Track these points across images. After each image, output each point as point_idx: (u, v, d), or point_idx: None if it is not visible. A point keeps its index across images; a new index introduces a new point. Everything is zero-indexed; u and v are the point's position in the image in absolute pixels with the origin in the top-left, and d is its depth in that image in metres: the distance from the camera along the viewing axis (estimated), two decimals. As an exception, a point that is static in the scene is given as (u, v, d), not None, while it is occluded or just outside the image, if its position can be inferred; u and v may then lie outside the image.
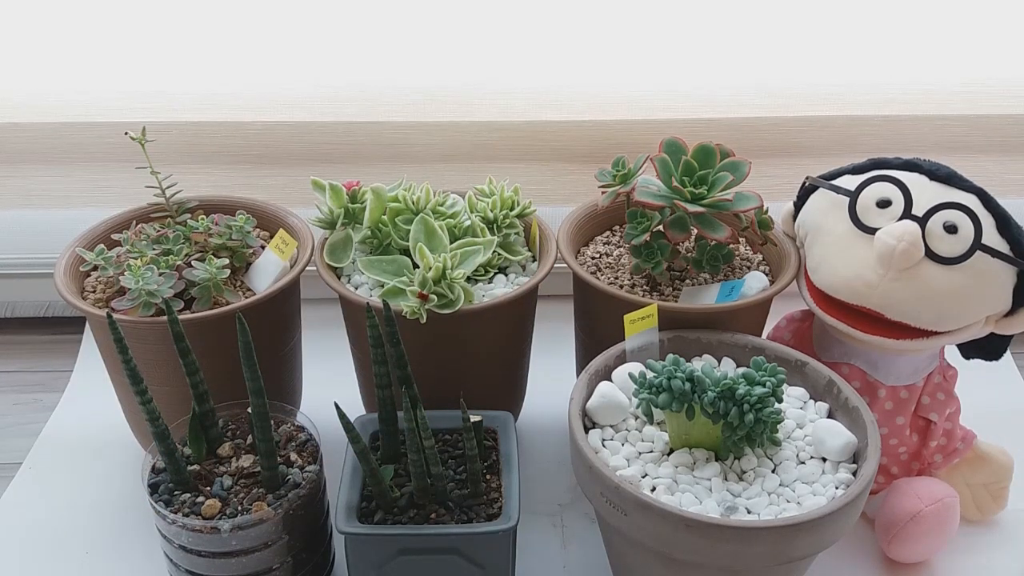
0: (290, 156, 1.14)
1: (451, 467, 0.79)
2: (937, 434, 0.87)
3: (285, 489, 0.75)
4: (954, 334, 0.82)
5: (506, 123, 1.13)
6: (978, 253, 0.79)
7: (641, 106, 1.13)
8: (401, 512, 0.74)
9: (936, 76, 1.14)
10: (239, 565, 0.74)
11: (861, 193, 0.84)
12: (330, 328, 1.00)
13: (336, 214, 0.92)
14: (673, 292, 0.92)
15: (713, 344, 0.86)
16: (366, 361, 0.87)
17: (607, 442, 0.77)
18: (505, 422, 0.82)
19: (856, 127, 1.15)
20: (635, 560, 0.75)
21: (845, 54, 1.13)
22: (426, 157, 1.15)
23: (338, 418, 0.72)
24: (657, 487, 0.71)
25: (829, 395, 0.81)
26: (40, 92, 1.10)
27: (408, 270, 0.87)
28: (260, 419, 0.73)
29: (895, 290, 0.80)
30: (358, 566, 0.74)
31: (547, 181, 1.17)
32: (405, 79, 1.13)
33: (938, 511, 0.83)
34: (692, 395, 0.72)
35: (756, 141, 1.15)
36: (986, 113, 1.15)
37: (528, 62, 1.12)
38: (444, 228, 0.89)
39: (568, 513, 0.93)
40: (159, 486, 0.75)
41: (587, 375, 0.81)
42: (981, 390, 0.94)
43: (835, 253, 0.84)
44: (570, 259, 0.91)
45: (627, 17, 1.12)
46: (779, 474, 0.74)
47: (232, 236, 0.92)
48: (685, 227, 0.89)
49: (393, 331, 0.76)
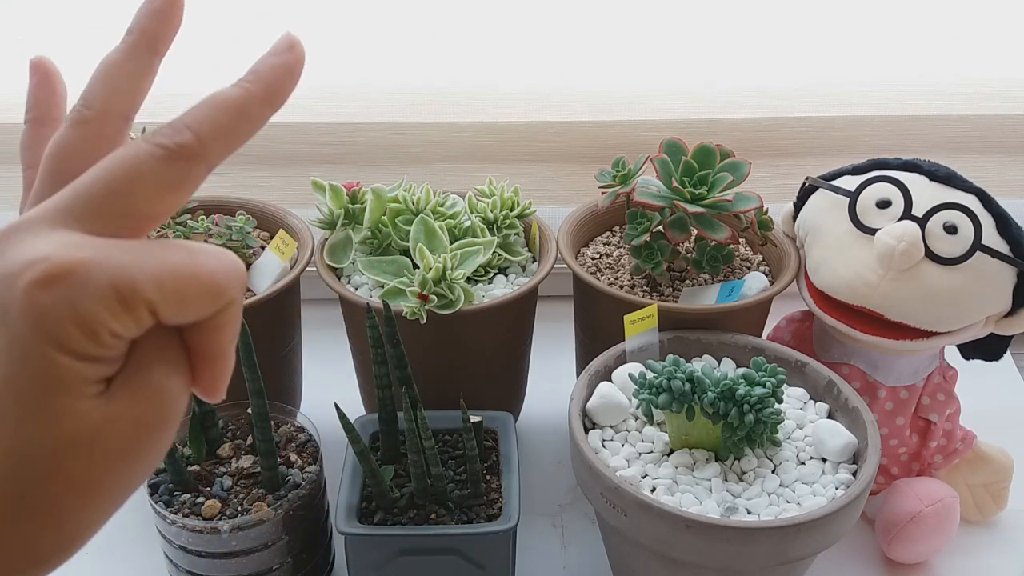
0: (290, 156, 1.14)
1: (451, 467, 0.79)
2: (937, 434, 0.87)
3: (285, 490, 0.75)
4: (954, 334, 0.82)
5: (506, 123, 1.13)
6: (978, 253, 0.79)
7: (641, 106, 1.13)
8: (401, 513, 0.74)
9: (936, 76, 1.14)
10: (239, 565, 0.74)
11: (861, 194, 0.84)
12: (330, 328, 1.00)
13: (336, 215, 0.92)
14: (673, 292, 0.92)
15: (713, 344, 0.86)
16: (366, 361, 0.87)
17: (607, 443, 0.77)
18: (505, 422, 0.82)
19: (856, 127, 1.15)
20: (635, 560, 0.75)
21: (845, 54, 1.13)
22: (426, 157, 1.15)
23: (338, 418, 0.72)
24: (657, 487, 0.71)
25: (829, 395, 0.81)
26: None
27: (408, 271, 0.87)
28: (260, 419, 0.73)
29: (895, 290, 0.80)
30: (358, 566, 0.74)
31: (547, 181, 1.17)
32: (405, 79, 1.12)
33: (938, 511, 0.83)
34: (692, 395, 0.72)
35: (756, 141, 1.14)
36: (986, 113, 1.15)
37: (528, 63, 1.12)
38: (444, 229, 0.89)
39: (568, 513, 0.93)
40: (159, 486, 0.75)
41: (587, 375, 0.81)
42: (981, 390, 0.94)
43: (835, 254, 0.84)
44: (570, 259, 0.91)
45: (627, 18, 1.11)
46: (779, 474, 0.74)
47: (232, 237, 0.92)
48: (685, 227, 0.89)
49: (393, 331, 0.76)
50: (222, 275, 0.29)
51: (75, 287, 0.26)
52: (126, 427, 0.28)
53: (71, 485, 0.28)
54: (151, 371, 0.29)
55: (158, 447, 0.30)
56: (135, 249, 0.28)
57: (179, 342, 0.30)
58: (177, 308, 0.28)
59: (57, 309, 0.26)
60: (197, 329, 0.29)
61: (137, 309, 0.27)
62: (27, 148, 0.36)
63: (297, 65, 0.33)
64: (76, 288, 0.26)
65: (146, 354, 0.29)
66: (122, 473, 0.29)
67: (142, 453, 0.29)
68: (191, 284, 0.28)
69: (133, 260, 0.27)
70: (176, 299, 0.28)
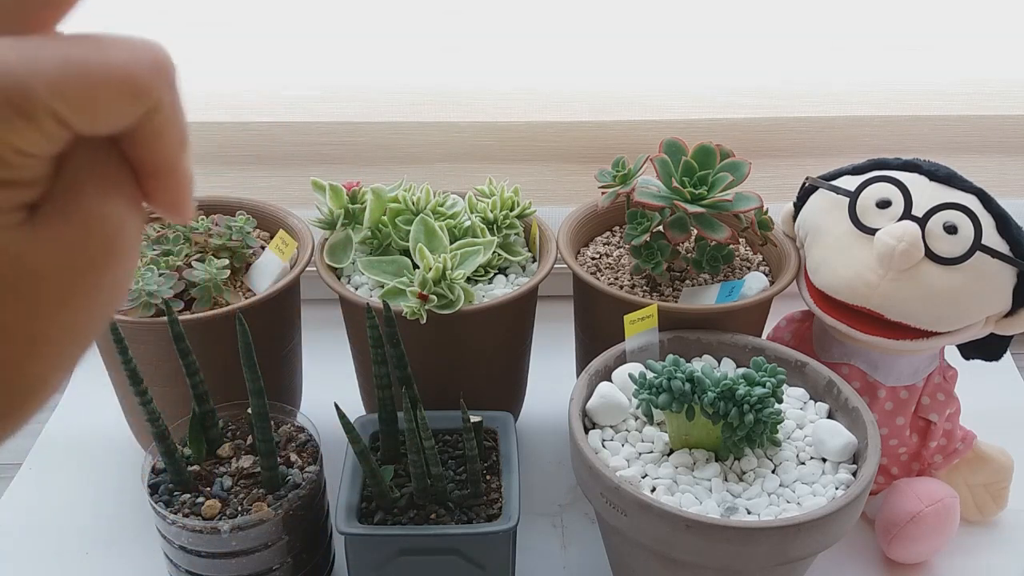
0: (290, 156, 1.14)
1: (451, 467, 0.79)
2: (937, 434, 0.87)
3: (285, 490, 0.75)
4: (954, 334, 0.82)
5: (506, 123, 1.13)
6: (978, 253, 0.79)
7: (641, 106, 1.13)
8: (401, 513, 0.74)
9: (936, 76, 1.14)
10: (239, 565, 0.74)
11: (861, 194, 0.84)
12: (330, 328, 1.00)
13: (336, 214, 0.92)
14: (673, 292, 0.92)
15: (713, 344, 0.86)
16: (366, 361, 0.87)
17: (607, 442, 0.77)
18: (505, 422, 0.82)
19: (856, 127, 1.15)
20: (635, 560, 0.75)
21: (845, 54, 1.13)
22: (426, 157, 1.15)
23: (338, 418, 0.72)
24: (657, 487, 0.71)
25: (829, 395, 0.81)
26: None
27: (408, 271, 0.87)
28: (260, 419, 0.73)
29: (895, 290, 0.80)
30: (358, 566, 0.74)
31: (547, 181, 1.17)
32: (405, 79, 1.12)
33: (938, 511, 0.83)
34: (692, 395, 0.72)
35: (756, 141, 1.14)
36: (986, 113, 1.15)
37: (528, 63, 1.12)
38: (444, 229, 0.89)
39: (568, 513, 0.93)
40: (159, 486, 0.75)
41: (587, 375, 0.81)
42: (981, 390, 0.94)
43: (835, 254, 0.84)
44: (570, 259, 0.91)
45: (627, 17, 1.11)
46: (779, 474, 0.74)
47: (232, 237, 0.92)
48: (685, 227, 0.89)
49: (393, 331, 0.76)
50: (138, 70, 0.24)
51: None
52: (57, 259, 0.24)
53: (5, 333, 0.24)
54: (82, 192, 0.24)
55: (107, 281, 0.25)
56: (26, 46, 0.23)
57: (118, 157, 0.25)
58: (89, 115, 0.23)
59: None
60: (132, 139, 0.25)
61: (39, 119, 0.22)
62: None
63: None
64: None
65: (75, 174, 0.24)
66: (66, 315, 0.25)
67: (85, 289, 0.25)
68: (100, 84, 0.23)
69: (22, 59, 0.22)
70: (85, 103, 0.23)
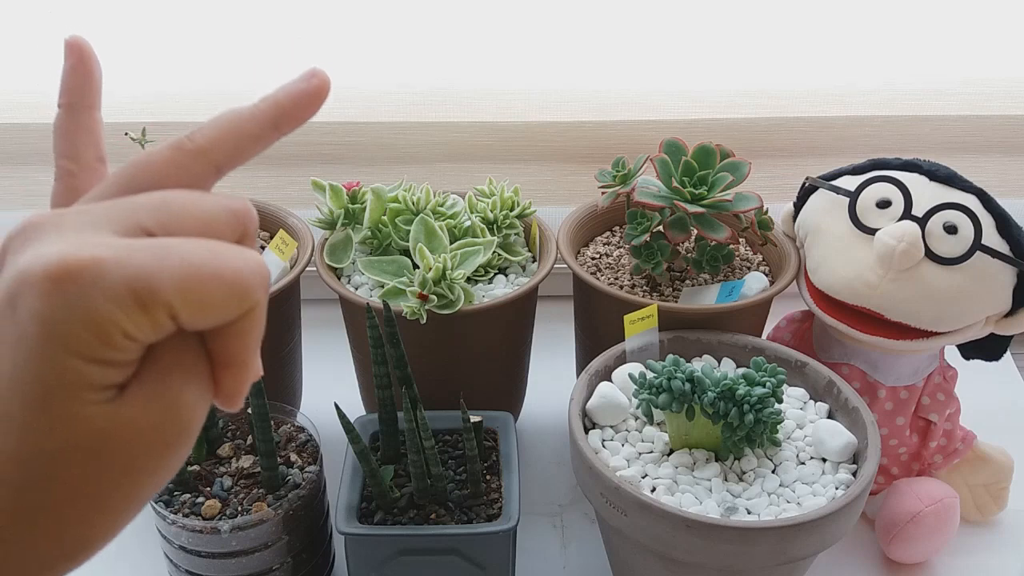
0: (290, 156, 1.14)
1: (451, 467, 0.79)
2: (937, 435, 0.87)
3: (285, 490, 0.75)
4: (954, 334, 0.82)
5: (506, 123, 1.13)
6: (978, 254, 0.79)
7: (641, 106, 1.13)
8: (401, 512, 0.74)
9: (936, 76, 1.14)
10: (239, 565, 0.74)
11: (861, 194, 0.84)
12: (330, 328, 1.00)
13: (336, 215, 0.92)
14: (673, 292, 0.92)
15: (713, 344, 0.86)
16: (366, 361, 0.87)
17: (607, 443, 0.77)
18: (505, 422, 0.82)
19: (856, 127, 1.15)
20: (635, 560, 0.75)
21: (845, 54, 1.13)
22: (426, 157, 1.15)
23: (338, 418, 0.72)
24: (657, 488, 0.71)
25: (829, 395, 0.81)
26: (41, 92, 1.10)
27: (408, 270, 0.87)
28: (260, 419, 0.73)
29: (895, 291, 0.80)
30: (358, 566, 0.74)
31: (547, 181, 1.17)
32: (405, 79, 1.12)
33: (938, 512, 0.83)
34: (692, 395, 0.72)
35: (756, 141, 1.14)
36: (986, 113, 1.15)
37: (528, 63, 1.12)
38: (444, 229, 0.89)
39: (568, 513, 0.93)
40: (159, 486, 0.75)
41: (587, 375, 0.81)
42: (981, 390, 0.94)
43: (835, 254, 0.84)
44: (570, 259, 0.91)
45: (627, 17, 1.11)
46: (779, 474, 0.74)
47: (232, 236, 0.92)
48: (685, 227, 0.89)
49: (393, 331, 0.76)
50: (248, 276, 0.27)
51: (87, 286, 0.25)
52: (136, 437, 0.27)
53: (73, 494, 0.26)
54: (168, 378, 0.27)
55: (171, 461, 0.28)
56: (155, 247, 0.26)
57: (199, 348, 0.28)
58: (199, 312, 0.26)
59: (67, 309, 0.25)
60: (219, 335, 0.27)
61: (155, 312, 0.25)
62: (61, 136, 0.34)
63: (315, 93, 0.33)
64: (88, 287, 0.25)
65: (163, 360, 0.27)
66: (130, 486, 0.27)
67: (152, 465, 0.27)
68: (214, 286, 0.26)
69: (152, 259, 0.25)
70: (198, 302, 0.26)
